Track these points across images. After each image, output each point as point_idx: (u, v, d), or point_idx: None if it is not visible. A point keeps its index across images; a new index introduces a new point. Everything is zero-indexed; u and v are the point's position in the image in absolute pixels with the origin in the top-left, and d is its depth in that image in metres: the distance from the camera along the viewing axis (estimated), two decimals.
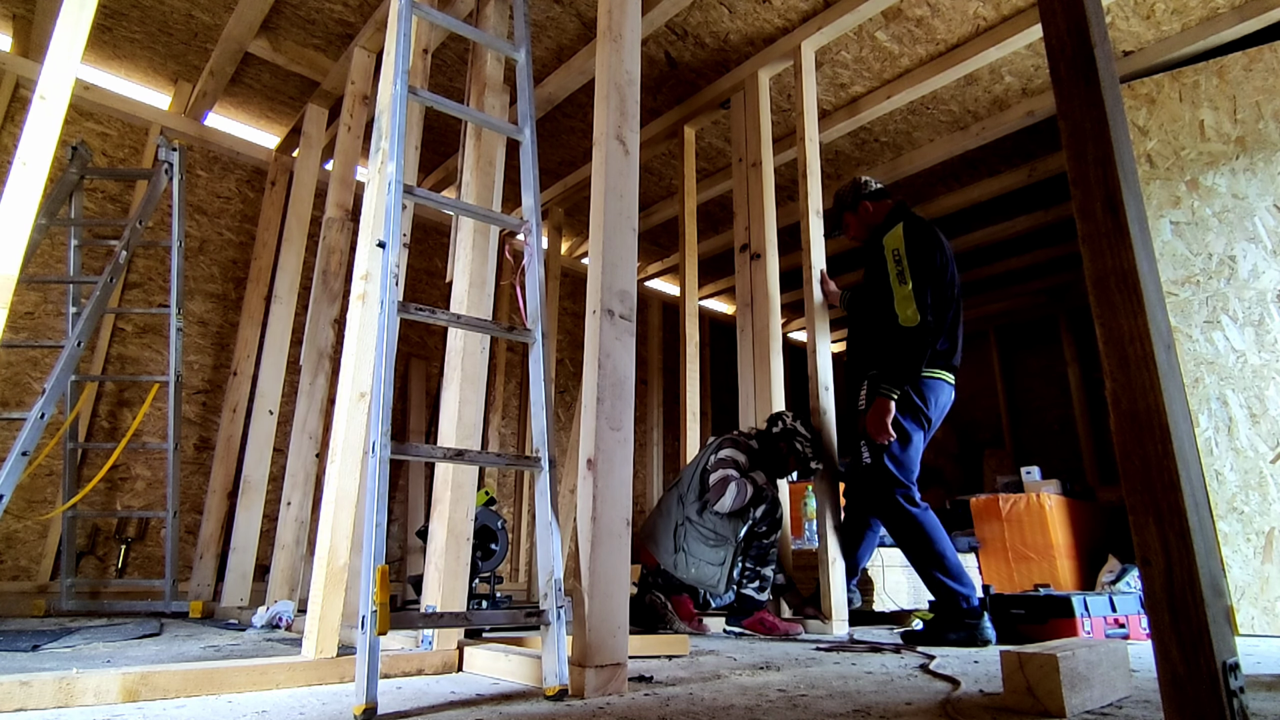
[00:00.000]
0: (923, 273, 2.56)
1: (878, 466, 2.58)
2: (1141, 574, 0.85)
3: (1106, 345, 0.90)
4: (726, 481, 2.65)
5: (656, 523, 2.81)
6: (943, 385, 2.64)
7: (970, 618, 2.33)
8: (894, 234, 2.66)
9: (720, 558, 2.64)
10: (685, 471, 2.89)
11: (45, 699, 1.30)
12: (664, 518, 2.79)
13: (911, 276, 2.56)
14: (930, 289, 2.55)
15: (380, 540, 1.38)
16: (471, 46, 2.41)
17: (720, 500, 2.63)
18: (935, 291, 2.56)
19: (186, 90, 4.03)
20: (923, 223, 2.71)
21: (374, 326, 1.87)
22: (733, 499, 2.62)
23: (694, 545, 2.67)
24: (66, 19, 1.70)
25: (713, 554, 2.65)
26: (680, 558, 2.67)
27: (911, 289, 2.54)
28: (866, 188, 2.93)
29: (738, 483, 2.65)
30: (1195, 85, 3.22)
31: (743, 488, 2.65)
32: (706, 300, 6.67)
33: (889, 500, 2.55)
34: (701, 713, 1.27)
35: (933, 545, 2.46)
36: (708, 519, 2.68)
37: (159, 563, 3.64)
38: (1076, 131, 0.97)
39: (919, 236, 2.64)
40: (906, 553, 2.54)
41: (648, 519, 2.91)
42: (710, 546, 2.66)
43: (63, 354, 2.85)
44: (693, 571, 2.66)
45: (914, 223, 2.70)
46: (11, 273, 1.52)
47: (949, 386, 2.66)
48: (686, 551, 2.67)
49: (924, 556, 2.47)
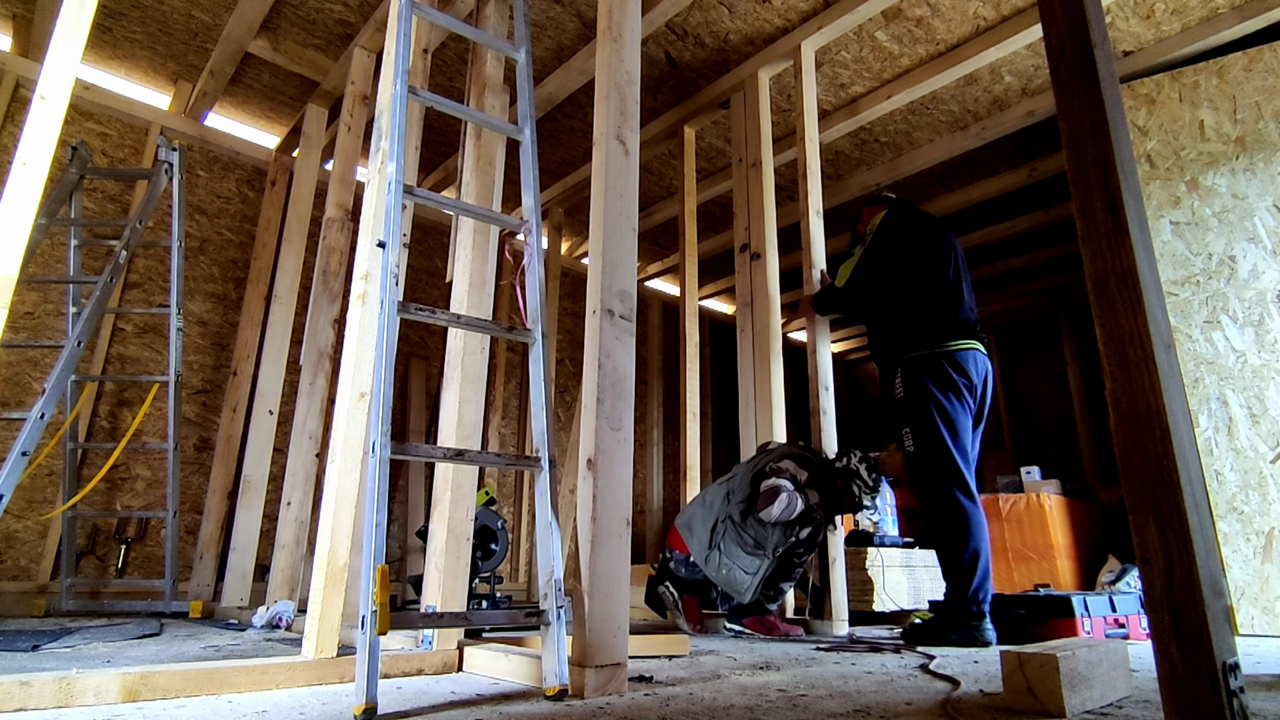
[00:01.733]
0: (879, 253, 2.69)
1: (921, 454, 2.46)
2: (1141, 574, 0.85)
3: (1106, 345, 0.90)
4: (778, 491, 2.50)
5: (696, 512, 2.71)
6: (975, 354, 2.52)
7: (973, 619, 2.30)
8: (877, 216, 2.83)
9: (755, 567, 2.52)
10: (739, 469, 2.76)
11: (45, 699, 1.30)
12: (706, 510, 2.68)
13: (867, 251, 2.73)
14: (876, 274, 2.68)
15: (380, 540, 1.38)
16: (471, 46, 2.41)
17: (768, 508, 2.48)
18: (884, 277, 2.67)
19: (186, 90, 4.03)
20: (906, 210, 2.79)
21: (374, 326, 1.87)
22: (780, 510, 2.47)
23: (731, 547, 2.55)
24: (66, 19, 1.70)
25: (748, 561, 2.52)
26: (714, 555, 2.56)
27: (860, 259, 2.74)
28: (873, 197, 3.04)
29: (789, 494, 2.49)
30: (1195, 85, 3.22)
31: (793, 501, 2.49)
32: (706, 300, 6.67)
33: (938, 491, 2.40)
34: (701, 713, 1.27)
35: (977, 542, 2.33)
36: (751, 525, 2.55)
37: (159, 563, 3.64)
38: (1076, 131, 0.97)
39: (897, 219, 2.74)
40: (942, 546, 2.40)
41: (688, 506, 2.81)
42: (748, 553, 2.53)
43: (63, 354, 2.85)
44: (724, 573, 2.54)
45: (898, 208, 2.80)
46: (11, 273, 1.52)
47: (981, 355, 2.55)
48: (722, 551, 2.56)
49: (962, 551, 2.33)
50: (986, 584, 2.33)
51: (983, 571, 2.33)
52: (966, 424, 2.48)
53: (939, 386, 2.47)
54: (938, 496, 2.42)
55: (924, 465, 2.46)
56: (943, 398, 2.46)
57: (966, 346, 2.52)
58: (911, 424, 2.50)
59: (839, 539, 2.79)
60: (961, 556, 2.34)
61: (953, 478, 2.40)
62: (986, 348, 2.63)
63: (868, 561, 3.28)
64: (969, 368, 2.49)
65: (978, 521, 2.37)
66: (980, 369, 2.54)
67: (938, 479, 2.42)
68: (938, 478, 2.42)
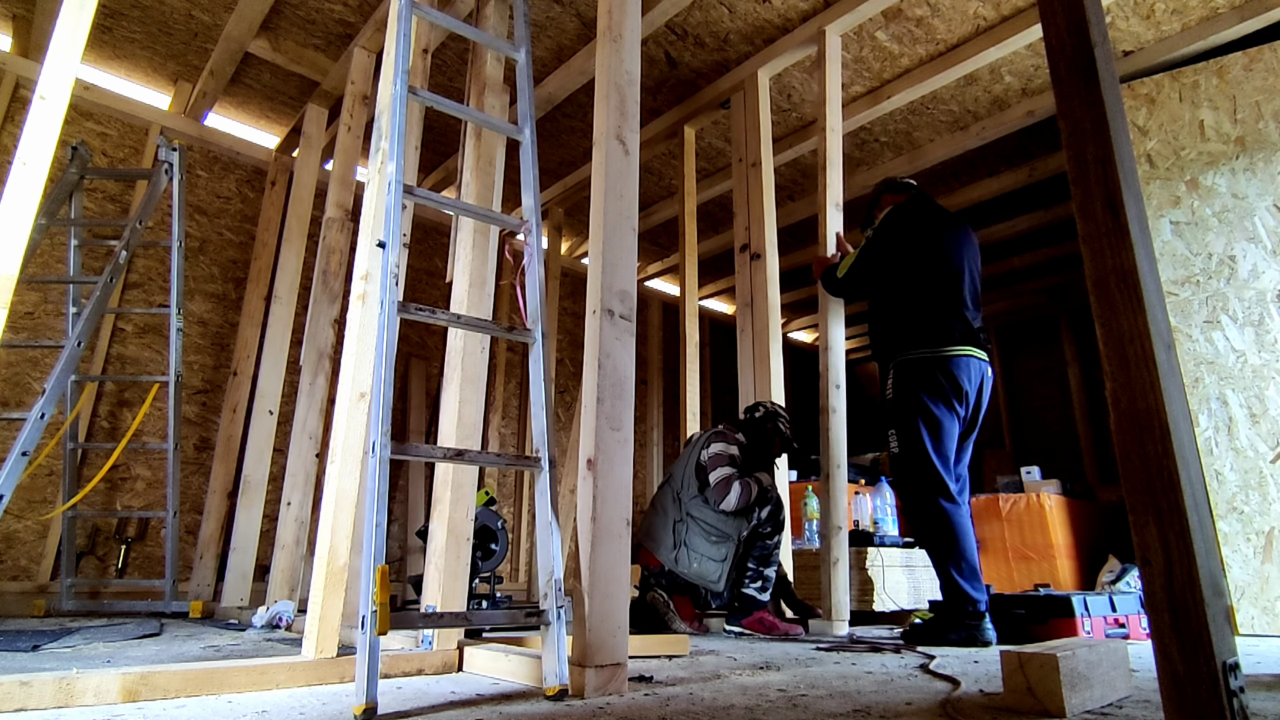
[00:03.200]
0: (881, 247, 2.66)
1: (904, 457, 2.49)
2: (1141, 574, 0.85)
3: (1106, 345, 0.90)
4: (730, 481, 2.64)
5: (654, 521, 2.81)
6: (970, 361, 2.49)
7: (973, 619, 2.31)
8: (889, 209, 2.78)
9: (722, 554, 2.64)
10: (676, 468, 2.88)
11: (45, 699, 1.30)
12: (661, 515, 2.78)
13: (871, 244, 2.69)
14: (875, 268, 2.66)
15: (380, 540, 1.38)
16: (471, 46, 2.41)
17: (725, 499, 2.63)
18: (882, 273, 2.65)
19: (186, 90, 4.03)
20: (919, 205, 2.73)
21: (374, 326, 1.87)
22: (737, 498, 2.62)
23: (695, 540, 2.67)
24: (66, 19, 1.70)
25: (714, 550, 2.65)
26: (681, 553, 2.67)
27: (863, 252, 2.71)
28: (890, 185, 2.96)
29: (741, 483, 2.65)
30: (1195, 85, 3.22)
31: (747, 487, 2.65)
32: (706, 300, 6.67)
33: (920, 493, 2.44)
34: (701, 713, 1.27)
35: (957, 544, 2.37)
36: (708, 515, 2.67)
37: (159, 563, 3.64)
38: (1076, 131, 0.97)
39: (905, 215, 2.69)
40: (928, 548, 2.46)
41: (644, 520, 2.90)
42: (712, 543, 2.65)
43: (63, 354, 2.85)
44: (694, 567, 2.65)
45: (912, 201, 2.76)
46: (11, 273, 1.52)
47: (978, 361, 2.52)
48: (688, 547, 2.67)
49: (945, 554, 2.38)
50: (979, 581, 2.35)
51: (972, 570, 2.35)
52: (953, 431, 2.48)
53: (927, 392, 2.47)
54: (918, 501, 2.47)
55: (905, 469, 2.50)
56: (930, 403, 2.46)
57: (961, 353, 2.48)
58: (897, 426, 2.53)
59: (842, 539, 2.78)
60: (947, 559, 2.38)
61: (932, 483, 2.43)
62: (989, 353, 2.60)
63: (868, 561, 3.28)
64: (961, 375, 2.47)
65: (961, 522, 2.41)
66: (975, 376, 2.50)
67: (918, 484, 2.46)
68: (918, 483, 2.46)
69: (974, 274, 2.65)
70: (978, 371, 2.51)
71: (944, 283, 2.55)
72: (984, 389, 2.55)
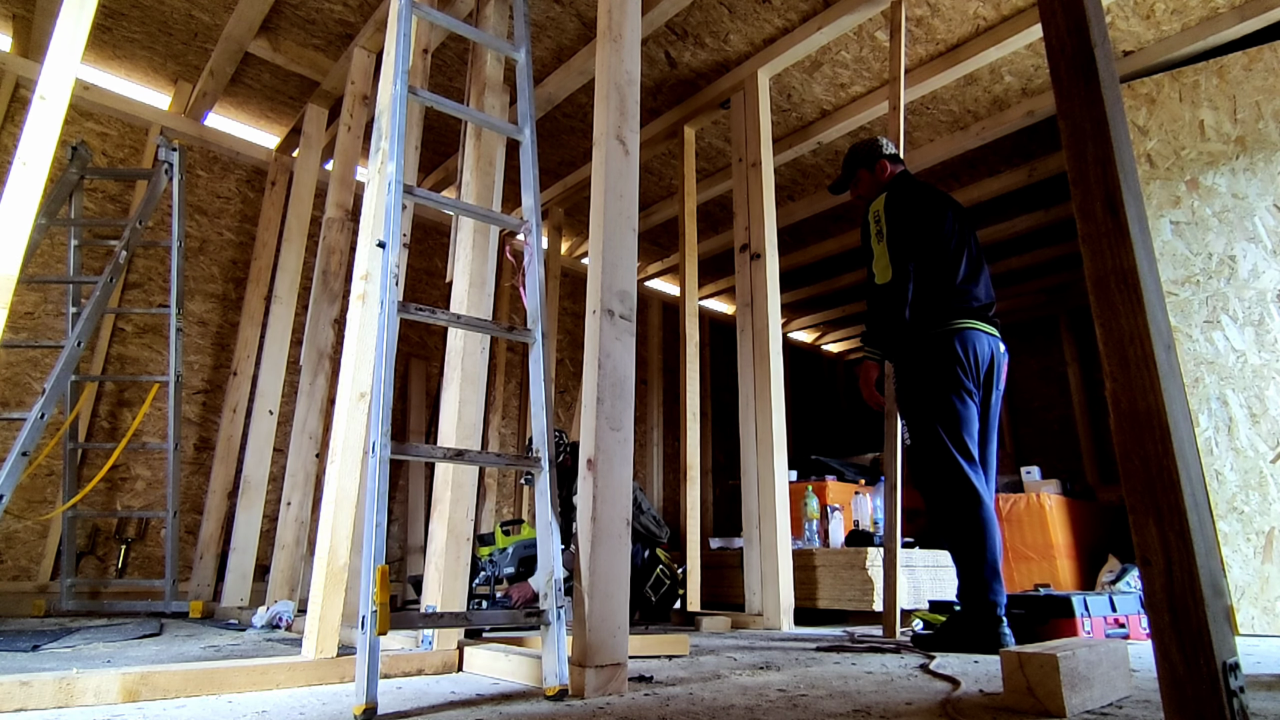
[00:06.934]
0: (899, 226, 2.36)
1: (920, 447, 2.29)
2: (1141, 574, 0.85)
3: (1106, 345, 0.90)
4: None
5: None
6: (979, 335, 2.31)
7: (994, 625, 2.15)
8: (878, 200, 2.47)
9: None
10: None
11: (45, 699, 1.30)
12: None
13: (888, 233, 2.37)
14: (907, 241, 2.34)
15: (380, 540, 1.38)
16: (471, 46, 2.41)
17: None
18: (917, 239, 2.35)
19: (186, 90, 4.03)
20: (909, 183, 2.53)
21: (374, 326, 1.87)
22: None
23: None
24: (66, 19, 1.70)
25: None
26: None
27: (886, 245, 2.36)
28: (886, 148, 2.71)
29: None
30: (1195, 85, 3.22)
31: None
32: (706, 300, 6.67)
33: (938, 485, 2.24)
34: (702, 713, 1.27)
35: (983, 541, 2.16)
36: None
37: (159, 563, 3.64)
38: (1076, 131, 0.97)
39: (900, 194, 2.44)
40: (949, 547, 2.25)
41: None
42: None
43: (63, 354, 2.85)
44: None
45: (899, 184, 2.52)
46: (11, 273, 1.52)
47: (987, 336, 2.35)
48: None
49: (968, 553, 2.18)
50: (999, 584, 2.17)
51: (995, 570, 2.17)
52: (970, 416, 2.26)
53: (936, 371, 2.28)
54: (938, 493, 2.27)
55: (920, 461, 2.30)
56: (942, 383, 2.26)
57: (968, 325, 2.31)
58: (908, 415, 2.37)
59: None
60: (967, 559, 2.20)
61: (951, 474, 2.21)
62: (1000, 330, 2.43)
63: (868, 561, 3.28)
64: (963, 349, 2.28)
65: (988, 515, 2.18)
66: (984, 354, 2.32)
67: (934, 476, 2.25)
68: (935, 475, 2.25)
69: (977, 250, 2.49)
70: (987, 346, 2.34)
71: (943, 257, 2.39)
72: (995, 363, 2.37)
